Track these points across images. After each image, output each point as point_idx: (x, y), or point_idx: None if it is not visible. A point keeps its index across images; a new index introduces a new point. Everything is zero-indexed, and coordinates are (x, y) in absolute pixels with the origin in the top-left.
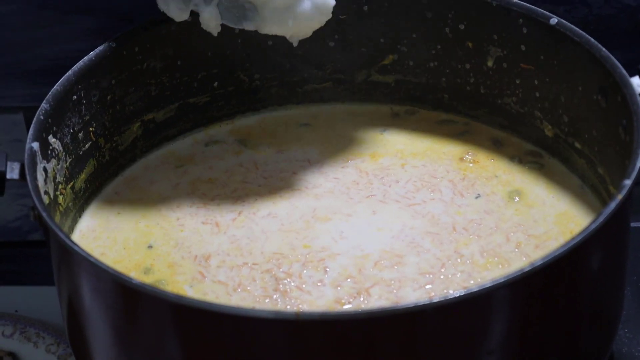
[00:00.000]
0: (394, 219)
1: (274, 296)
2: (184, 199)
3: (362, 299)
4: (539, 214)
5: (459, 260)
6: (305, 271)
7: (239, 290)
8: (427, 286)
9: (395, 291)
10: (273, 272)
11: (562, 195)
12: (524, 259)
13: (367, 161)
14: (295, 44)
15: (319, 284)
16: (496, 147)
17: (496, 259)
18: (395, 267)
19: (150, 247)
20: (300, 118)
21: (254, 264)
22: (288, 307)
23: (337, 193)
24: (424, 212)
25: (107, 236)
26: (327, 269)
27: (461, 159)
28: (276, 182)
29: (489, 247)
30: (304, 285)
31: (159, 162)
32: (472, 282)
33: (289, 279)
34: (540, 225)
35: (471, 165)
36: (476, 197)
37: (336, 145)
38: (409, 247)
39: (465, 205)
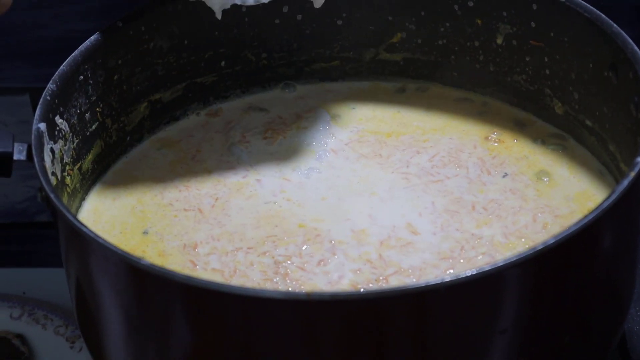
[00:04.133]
0: (417, 194)
1: (275, 279)
2: (175, 181)
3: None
4: (562, 194)
5: (477, 241)
6: (305, 247)
7: (237, 276)
8: (449, 271)
9: (412, 272)
10: (273, 257)
11: (583, 176)
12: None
13: (386, 136)
14: (317, 5)
15: (325, 266)
16: (519, 128)
17: (523, 240)
18: (406, 246)
19: (145, 232)
20: (309, 94)
21: (249, 248)
22: (290, 289)
23: (340, 166)
24: (445, 188)
25: (106, 220)
26: (334, 247)
27: (486, 138)
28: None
29: (514, 227)
30: (305, 265)
31: (152, 144)
32: None
33: (289, 262)
34: (565, 206)
35: (496, 144)
36: (503, 176)
37: (347, 120)
38: (426, 222)
39: (490, 184)
